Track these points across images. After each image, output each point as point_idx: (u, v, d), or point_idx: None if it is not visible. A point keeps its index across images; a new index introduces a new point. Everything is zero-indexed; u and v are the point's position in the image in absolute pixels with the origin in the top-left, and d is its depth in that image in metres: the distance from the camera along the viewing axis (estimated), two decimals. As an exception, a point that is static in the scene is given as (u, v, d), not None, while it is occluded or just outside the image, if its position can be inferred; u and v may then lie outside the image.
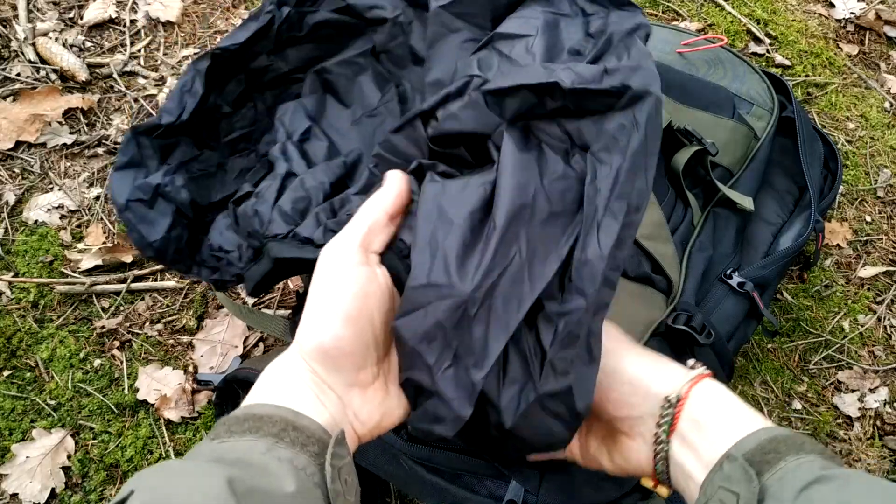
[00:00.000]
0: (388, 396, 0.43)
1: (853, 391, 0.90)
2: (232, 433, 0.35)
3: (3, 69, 1.02)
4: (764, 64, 1.15)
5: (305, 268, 0.46)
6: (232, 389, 0.70)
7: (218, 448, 0.35)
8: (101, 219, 0.94)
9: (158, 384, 0.84)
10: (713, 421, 0.40)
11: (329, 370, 0.40)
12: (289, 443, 0.35)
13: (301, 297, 0.56)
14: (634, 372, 0.44)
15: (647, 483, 0.45)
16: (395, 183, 0.44)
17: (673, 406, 0.41)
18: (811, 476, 0.34)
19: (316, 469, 0.35)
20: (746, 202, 0.75)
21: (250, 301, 0.90)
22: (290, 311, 0.90)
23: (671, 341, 0.63)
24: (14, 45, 1.04)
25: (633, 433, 0.44)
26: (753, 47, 1.17)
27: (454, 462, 0.56)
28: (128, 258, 0.91)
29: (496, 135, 0.43)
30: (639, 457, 0.44)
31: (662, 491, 0.44)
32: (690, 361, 0.45)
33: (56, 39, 1.06)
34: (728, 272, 0.71)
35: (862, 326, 0.95)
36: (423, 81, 0.51)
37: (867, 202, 1.05)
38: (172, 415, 0.82)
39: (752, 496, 0.34)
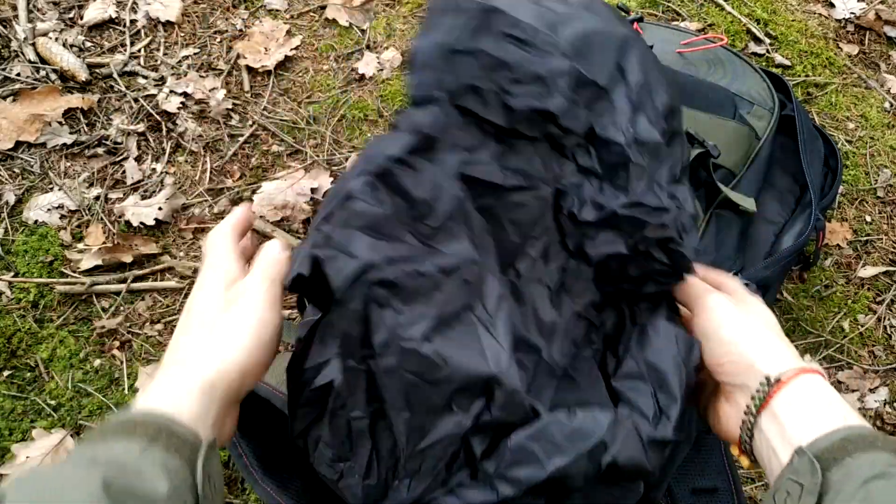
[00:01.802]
0: None
1: (853, 391, 0.90)
2: (106, 436, 0.37)
3: (3, 69, 1.02)
4: (764, 64, 1.15)
5: None
6: None
7: (92, 451, 0.36)
8: (101, 219, 0.94)
9: (159, 384, 0.84)
10: (806, 410, 0.42)
11: (223, 400, 0.42)
12: (162, 446, 0.36)
13: (301, 301, 0.55)
14: (743, 343, 0.46)
15: (734, 451, 0.47)
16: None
17: (770, 385, 0.43)
18: (875, 471, 0.36)
19: (188, 473, 0.36)
20: (748, 203, 0.75)
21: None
22: (289, 311, 0.90)
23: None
24: (14, 45, 1.04)
25: (730, 399, 0.46)
26: (753, 47, 1.17)
27: None
28: (128, 258, 0.91)
29: None
30: (728, 422, 0.46)
31: (744, 461, 0.46)
32: (807, 357, 0.47)
33: (56, 39, 1.05)
34: (731, 275, 0.71)
35: (862, 326, 0.95)
36: None
37: (867, 202, 1.05)
38: (173, 415, 0.82)
39: (815, 486, 0.36)
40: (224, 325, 0.42)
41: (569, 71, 0.47)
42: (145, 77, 1.05)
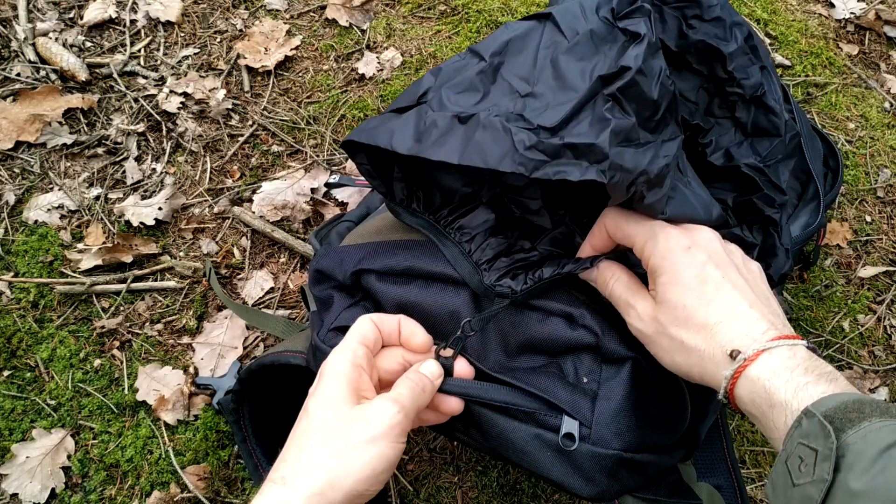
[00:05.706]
0: None
1: (853, 391, 0.90)
2: None
3: (3, 69, 1.02)
4: (764, 64, 1.15)
5: None
6: (250, 385, 0.70)
7: None
8: (101, 219, 0.94)
9: (158, 384, 0.84)
10: (798, 375, 0.39)
11: None
12: None
13: (303, 297, 0.55)
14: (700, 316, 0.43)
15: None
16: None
17: (737, 364, 0.41)
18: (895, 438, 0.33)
19: None
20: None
21: (250, 301, 0.90)
22: (289, 311, 0.90)
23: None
24: (14, 45, 1.04)
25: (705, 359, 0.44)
26: (753, 47, 1.17)
27: (504, 396, 0.53)
28: (128, 258, 0.91)
29: None
30: (714, 378, 0.43)
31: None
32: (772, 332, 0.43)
33: (56, 39, 1.05)
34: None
35: (862, 326, 0.95)
36: None
37: (867, 202, 1.05)
38: (169, 417, 0.82)
39: (831, 452, 0.34)
40: (341, 449, 0.42)
41: (747, 34, 0.53)
42: (145, 77, 1.05)
